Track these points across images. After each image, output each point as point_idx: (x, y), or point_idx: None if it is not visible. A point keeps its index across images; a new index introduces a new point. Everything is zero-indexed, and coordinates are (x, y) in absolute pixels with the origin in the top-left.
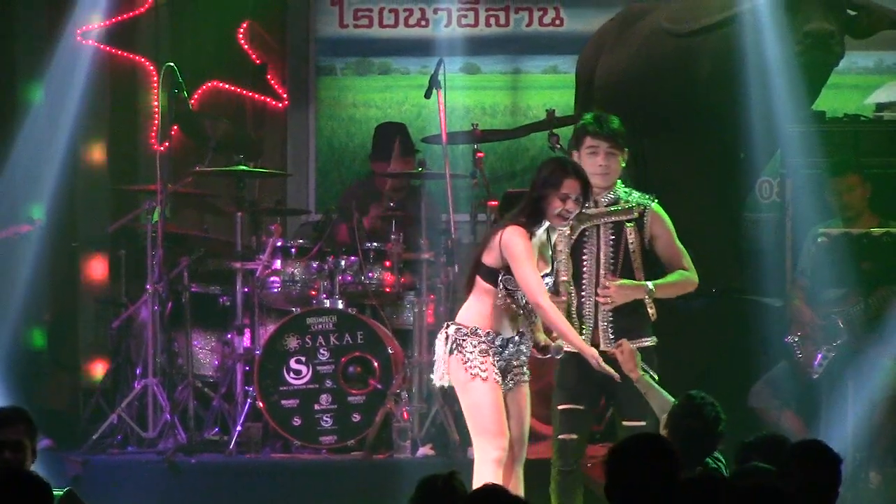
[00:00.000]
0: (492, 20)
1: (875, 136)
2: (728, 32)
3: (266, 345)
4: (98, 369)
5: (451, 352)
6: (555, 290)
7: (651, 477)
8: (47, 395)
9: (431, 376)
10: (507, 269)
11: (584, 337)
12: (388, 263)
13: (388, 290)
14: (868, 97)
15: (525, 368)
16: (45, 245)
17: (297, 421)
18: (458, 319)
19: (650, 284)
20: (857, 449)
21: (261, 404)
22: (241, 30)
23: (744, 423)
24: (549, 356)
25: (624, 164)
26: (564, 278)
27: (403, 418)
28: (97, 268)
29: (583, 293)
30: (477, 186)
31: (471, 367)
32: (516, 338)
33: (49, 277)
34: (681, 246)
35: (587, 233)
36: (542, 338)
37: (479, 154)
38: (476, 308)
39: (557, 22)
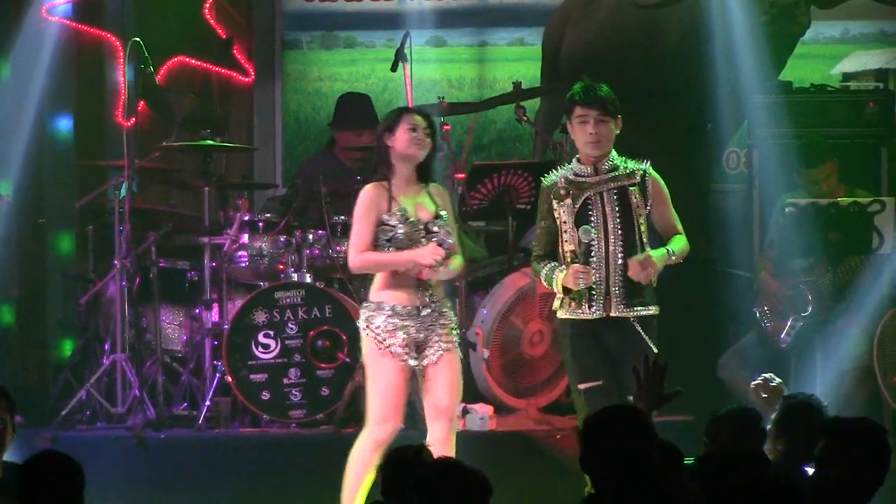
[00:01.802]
0: None
1: (841, 105)
2: (694, 3)
3: (234, 319)
4: (66, 345)
5: (363, 330)
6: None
7: (627, 448)
8: (16, 372)
9: None
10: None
11: (595, 306)
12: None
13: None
14: (834, 67)
15: (451, 336)
16: (12, 221)
17: (265, 395)
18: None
19: (672, 252)
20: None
21: (229, 379)
22: (207, 4)
23: (713, 394)
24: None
25: (618, 132)
26: (572, 248)
27: None
28: (64, 243)
29: (592, 260)
30: (444, 160)
31: (381, 344)
32: (430, 305)
33: (16, 254)
34: (674, 211)
35: (590, 201)
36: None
37: (446, 127)
38: (378, 282)
39: None
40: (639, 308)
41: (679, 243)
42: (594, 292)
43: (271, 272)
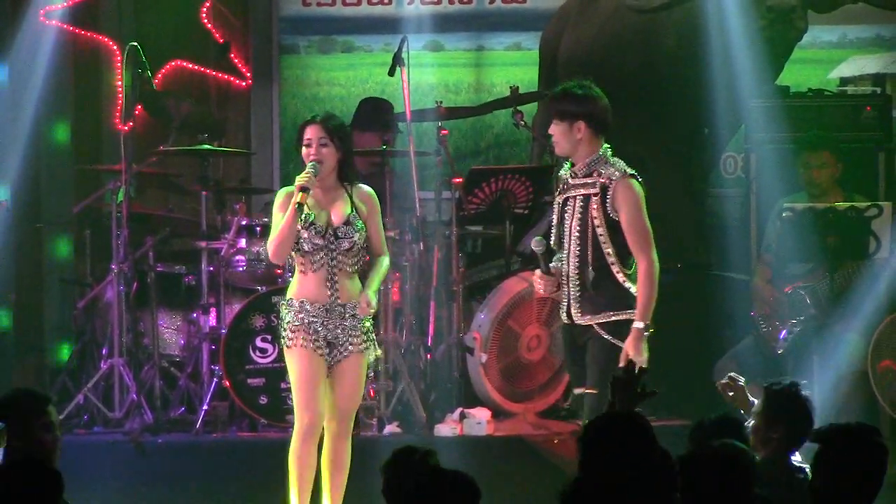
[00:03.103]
0: None
1: (839, 110)
2: (691, 8)
3: (232, 324)
4: (63, 350)
5: (279, 326)
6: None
7: (628, 455)
8: (12, 376)
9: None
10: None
11: (562, 309)
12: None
13: None
14: (832, 71)
15: (358, 339)
16: (10, 225)
17: (263, 399)
18: None
19: (641, 326)
20: (822, 423)
21: (227, 383)
22: (205, 9)
23: (709, 399)
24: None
25: (578, 136)
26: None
27: (369, 396)
28: (62, 248)
29: (562, 263)
30: (441, 164)
31: (286, 338)
32: (340, 304)
33: (13, 258)
34: (646, 225)
35: (568, 203)
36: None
37: (444, 131)
38: (293, 280)
39: None
40: (595, 316)
41: (645, 288)
42: (563, 297)
43: (269, 276)
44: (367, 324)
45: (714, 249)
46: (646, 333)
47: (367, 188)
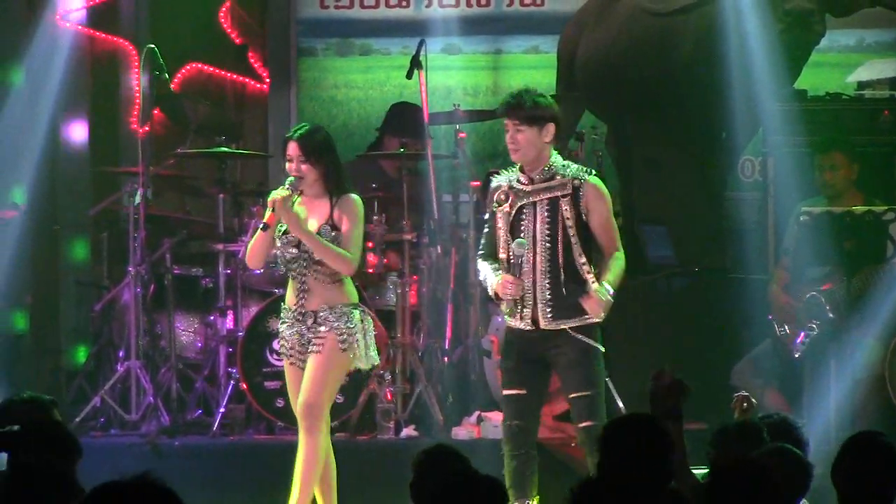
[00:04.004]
0: (473, 0)
1: (856, 114)
2: (709, 11)
3: (249, 326)
4: (80, 352)
5: None
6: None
7: (646, 457)
8: (29, 379)
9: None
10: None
11: (525, 317)
12: (370, 244)
13: (370, 270)
14: (849, 75)
15: (328, 339)
16: (26, 228)
17: (280, 402)
18: None
19: (608, 290)
20: (839, 428)
21: (244, 386)
22: (222, 11)
23: (726, 402)
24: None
25: (547, 140)
26: (504, 255)
27: (387, 399)
28: (79, 250)
29: (522, 271)
30: (459, 167)
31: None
32: (313, 309)
33: (30, 260)
34: (614, 223)
35: (525, 210)
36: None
37: (461, 134)
38: None
39: (539, 2)
40: (567, 320)
41: (616, 269)
42: (526, 303)
43: (286, 279)
44: (347, 328)
45: (732, 253)
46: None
47: (352, 197)
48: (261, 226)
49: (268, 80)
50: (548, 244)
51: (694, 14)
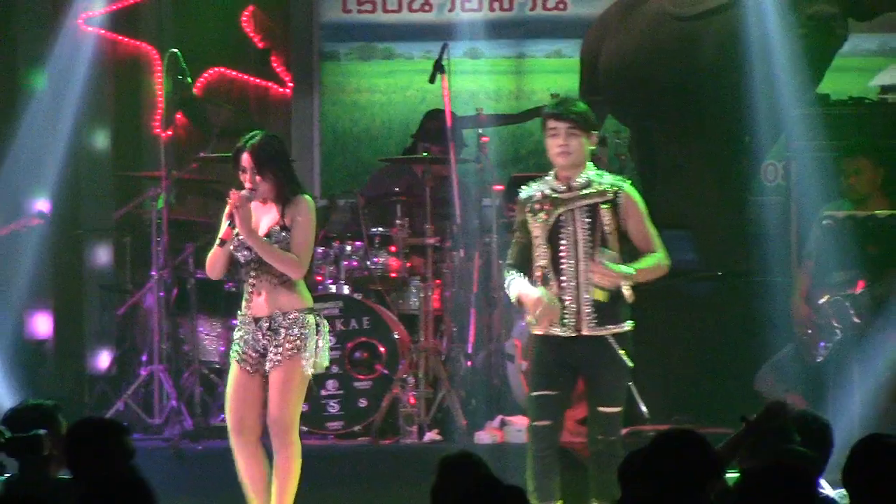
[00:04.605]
0: (496, 4)
1: (879, 118)
2: (731, 16)
3: None
4: (103, 356)
5: None
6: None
7: (692, 475)
8: (52, 383)
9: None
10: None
11: (567, 324)
12: (393, 248)
13: (393, 275)
14: (872, 79)
15: (289, 348)
16: (50, 233)
17: (303, 407)
18: None
19: (633, 269)
20: (863, 432)
21: None
22: (245, 15)
23: (749, 408)
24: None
25: (592, 147)
26: (543, 263)
27: (410, 403)
28: (102, 255)
29: (563, 278)
30: (482, 171)
31: (232, 349)
32: (269, 315)
33: (54, 265)
34: (653, 228)
35: (563, 217)
36: None
37: (484, 139)
38: None
39: (561, 6)
40: (611, 326)
41: (649, 261)
42: (566, 311)
43: (308, 284)
44: (305, 335)
45: (754, 257)
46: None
47: (304, 198)
48: (217, 241)
49: (290, 85)
50: (591, 250)
51: (717, 19)
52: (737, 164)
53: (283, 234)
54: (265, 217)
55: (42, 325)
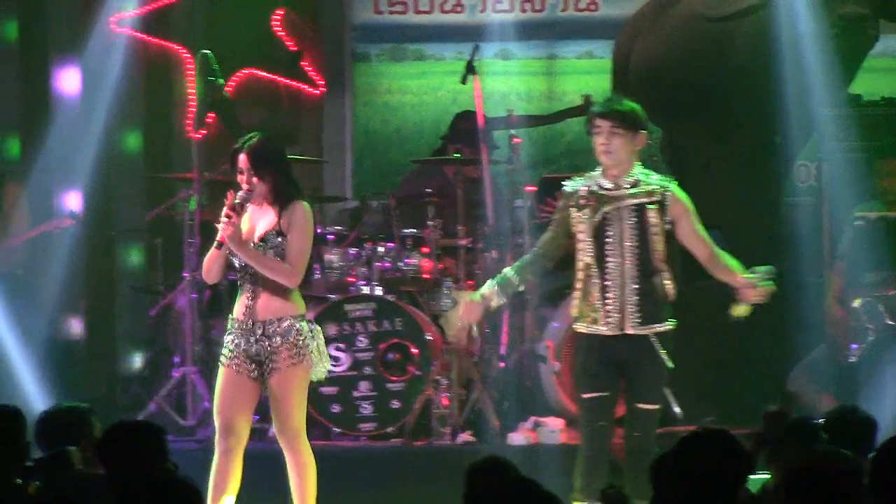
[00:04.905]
0: (527, 5)
1: None
2: (763, 16)
3: None
4: (135, 358)
5: None
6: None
7: (722, 475)
8: (84, 385)
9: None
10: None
11: (610, 322)
12: (425, 250)
13: (426, 276)
14: None
15: (285, 355)
16: (82, 234)
17: (336, 408)
18: None
19: (754, 273)
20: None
21: None
22: (277, 16)
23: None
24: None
25: (638, 148)
26: (588, 260)
27: (443, 405)
28: (134, 256)
29: (607, 276)
30: (513, 172)
31: (221, 353)
32: (263, 320)
33: (85, 267)
34: (702, 227)
35: (609, 216)
36: None
37: (516, 140)
38: None
39: (592, 7)
40: (655, 325)
41: (732, 261)
42: (610, 309)
43: (341, 285)
44: (298, 338)
45: (786, 258)
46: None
47: (301, 204)
48: (215, 244)
49: (322, 86)
50: (636, 250)
51: (748, 19)
52: (768, 165)
53: (279, 239)
54: (261, 220)
55: (74, 326)
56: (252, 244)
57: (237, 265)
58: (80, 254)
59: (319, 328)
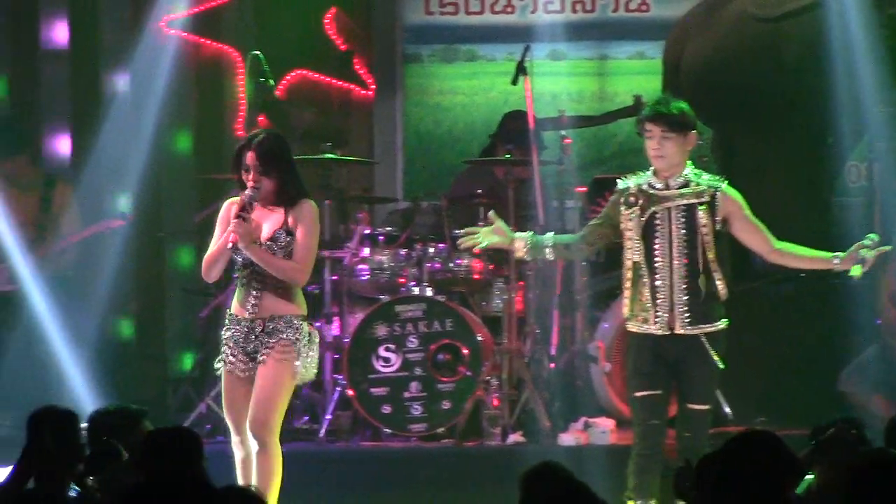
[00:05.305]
0: (578, 6)
1: None
2: (814, 16)
3: (355, 333)
4: (186, 359)
5: None
6: None
7: (768, 477)
8: (134, 386)
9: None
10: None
11: (659, 321)
12: (476, 250)
13: (476, 276)
14: None
15: (277, 349)
16: (132, 236)
17: (386, 409)
18: None
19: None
20: None
21: (350, 392)
22: (327, 17)
23: (833, 408)
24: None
25: (689, 148)
26: (636, 259)
27: (493, 405)
28: (184, 257)
29: (657, 276)
30: (564, 173)
31: (222, 350)
32: (260, 317)
33: (136, 268)
34: (758, 221)
35: (658, 215)
36: None
37: (567, 140)
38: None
39: (644, 7)
40: (705, 325)
41: (799, 246)
42: (659, 308)
43: (392, 286)
44: (296, 338)
45: None
46: None
47: (308, 202)
48: (229, 246)
49: (373, 87)
50: (685, 250)
51: (799, 20)
52: (819, 166)
53: (288, 238)
54: (268, 220)
55: (125, 328)
56: (259, 244)
57: (240, 263)
58: (131, 255)
59: (317, 333)
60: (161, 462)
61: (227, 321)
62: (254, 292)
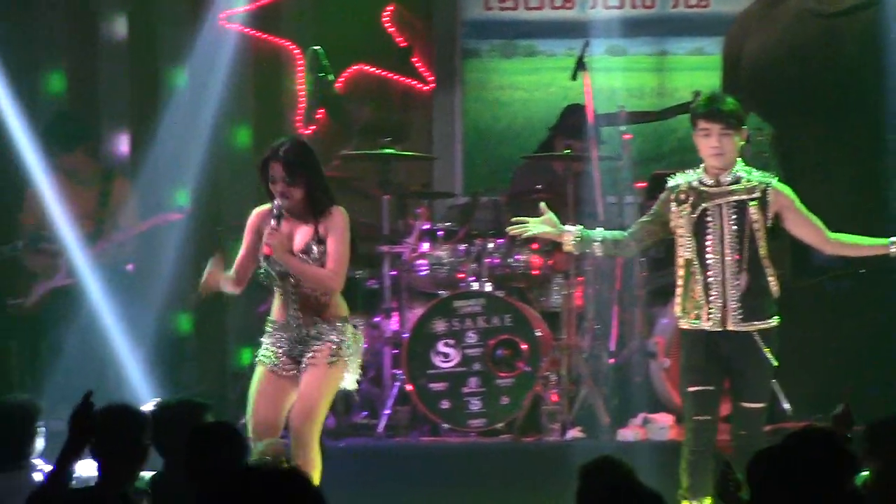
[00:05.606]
0: (637, 1)
1: None
2: (874, 12)
3: (414, 328)
4: (245, 354)
5: None
6: None
7: (823, 473)
8: (194, 381)
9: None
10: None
11: (712, 318)
12: (535, 246)
13: (535, 272)
14: None
15: (323, 354)
16: (191, 230)
17: (445, 404)
18: None
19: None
20: None
21: (409, 388)
22: (387, 12)
23: (890, 407)
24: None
25: (742, 143)
26: (688, 256)
27: (552, 401)
28: None
29: (709, 272)
30: (624, 168)
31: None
32: (304, 322)
33: (195, 262)
34: (811, 214)
35: (709, 212)
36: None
37: (627, 136)
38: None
39: (703, 3)
40: (757, 322)
41: (854, 236)
42: (712, 305)
43: (451, 281)
44: (343, 342)
45: None
46: None
47: (338, 209)
48: (262, 256)
49: (432, 82)
50: (737, 247)
51: (859, 15)
52: (879, 163)
53: (321, 247)
54: (299, 231)
55: (184, 322)
56: (292, 254)
57: (277, 271)
58: (190, 249)
59: (361, 335)
60: (204, 460)
61: (268, 327)
62: (293, 300)
